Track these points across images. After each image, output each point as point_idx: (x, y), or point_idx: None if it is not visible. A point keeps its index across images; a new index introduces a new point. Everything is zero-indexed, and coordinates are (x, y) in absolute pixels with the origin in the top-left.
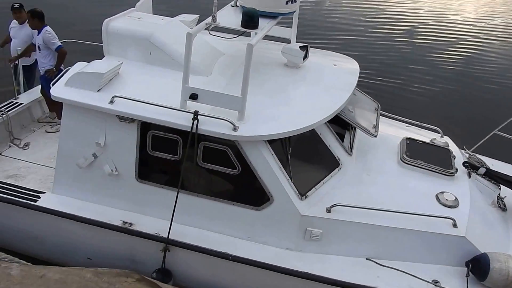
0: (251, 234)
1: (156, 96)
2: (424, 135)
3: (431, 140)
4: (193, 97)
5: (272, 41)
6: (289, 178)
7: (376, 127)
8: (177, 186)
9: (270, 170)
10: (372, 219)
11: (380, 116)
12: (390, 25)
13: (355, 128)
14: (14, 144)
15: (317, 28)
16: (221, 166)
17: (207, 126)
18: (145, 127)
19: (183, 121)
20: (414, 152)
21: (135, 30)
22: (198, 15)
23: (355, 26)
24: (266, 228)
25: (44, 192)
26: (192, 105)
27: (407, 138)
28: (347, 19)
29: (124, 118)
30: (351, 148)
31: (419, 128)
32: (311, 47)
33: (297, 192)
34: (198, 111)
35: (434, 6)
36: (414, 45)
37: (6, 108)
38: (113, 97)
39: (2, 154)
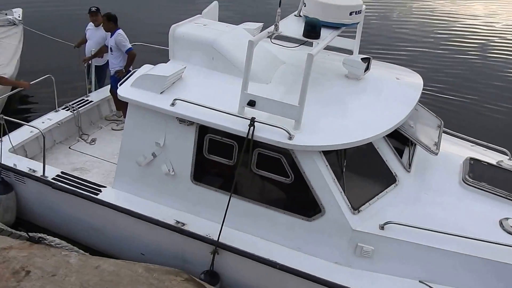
0: (300, 244)
1: (216, 101)
2: (490, 156)
3: (497, 162)
4: (251, 103)
5: (334, 52)
6: (342, 191)
7: (437, 144)
8: (230, 191)
9: (323, 182)
10: (428, 240)
11: (443, 134)
12: (462, 38)
13: (415, 144)
14: (82, 139)
15: (383, 40)
16: (274, 173)
17: (263, 133)
18: (203, 130)
19: (239, 126)
20: (477, 173)
21: (200, 36)
22: (262, 23)
23: (424, 38)
24: (316, 239)
25: (105, 187)
26: (250, 112)
27: (471, 158)
28: (416, 30)
29: (183, 121)
30: (410, 165)
31: (485, 149)
32: (374, 59)
33: (350, 205)
34: (255, 118)
35: None
36: (487, 60)
37: (78, 104)
38: (175, 99)
39: (70, 147)
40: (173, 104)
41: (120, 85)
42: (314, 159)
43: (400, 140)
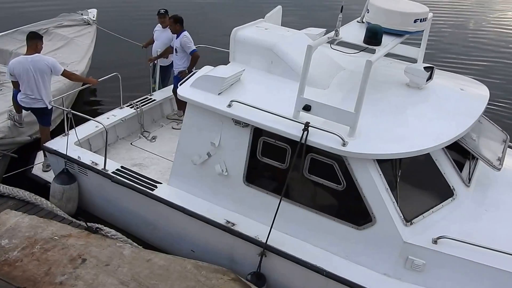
0: (348, 252)
1: (272, 104)
2: None
3: None
4: (307, 108)
5: (397, 60)
6: (395, 201)
7: (501, 159)
8: (281, 194)
9: (375, 191)
10: (484, 258)
11: (508, 149)
12: None
13: (477, 158)
14: (144, 136)
15: (457, 49)
16: (326, 179)
17: (316, 138)
18: (258, 132)
19: (293, 130)
20: None
21: (260, 39)
22: (325, 29)
23: (503, 48)
24: (365, 249)
25: (161, 183)
26: (305, 116)
27: None
28: (493, 40)
29: (239, 122)
30: (470, 179)
31: None
32: (445, 69)
33: (402, 217)
34: (309, 123)
35: None
36: None
37: (141, 102)
38: (231, 101)
39: (132, 143)
40: (229, 106)
41: (181, 85)
42: (367, 167)
43: (461, 153)
